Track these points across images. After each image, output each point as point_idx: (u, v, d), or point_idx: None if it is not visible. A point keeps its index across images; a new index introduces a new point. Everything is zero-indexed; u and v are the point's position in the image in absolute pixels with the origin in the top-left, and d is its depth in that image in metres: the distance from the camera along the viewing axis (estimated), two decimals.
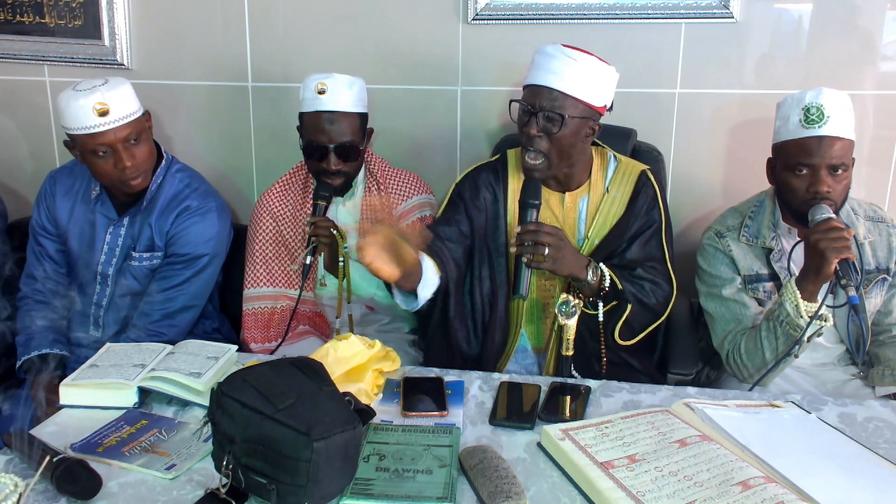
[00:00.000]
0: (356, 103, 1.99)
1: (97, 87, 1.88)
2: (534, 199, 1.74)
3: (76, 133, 1.88)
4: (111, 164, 1.91)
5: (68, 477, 1.18)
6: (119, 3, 2.44)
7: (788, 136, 1.75)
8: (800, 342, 1.68)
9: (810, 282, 1.67)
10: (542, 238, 1.68)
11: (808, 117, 1.71)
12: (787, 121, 1.76)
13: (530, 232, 1.69)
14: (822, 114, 1.69)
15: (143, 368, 1.53)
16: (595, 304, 1.80)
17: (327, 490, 1.14)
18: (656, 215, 1.87)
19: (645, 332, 1.85)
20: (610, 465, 1.21)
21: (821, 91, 1.73)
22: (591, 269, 1.76)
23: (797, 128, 1.73)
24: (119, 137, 1.90)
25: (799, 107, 1.73)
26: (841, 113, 1.71)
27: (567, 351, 1.46)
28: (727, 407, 1.41)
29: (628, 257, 1.84)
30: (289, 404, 1.14)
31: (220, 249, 2.09)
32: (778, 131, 1.81)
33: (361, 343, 1.56)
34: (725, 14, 2.15)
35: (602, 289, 1.77)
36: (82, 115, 1.86)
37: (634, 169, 1.90)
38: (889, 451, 1.32)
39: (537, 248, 1.67)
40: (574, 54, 1.73)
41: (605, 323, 1.81)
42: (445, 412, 1.44)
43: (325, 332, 2.12)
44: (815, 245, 1.63)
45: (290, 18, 2.40)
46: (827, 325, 1.67)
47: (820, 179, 1.71)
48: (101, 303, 2.07)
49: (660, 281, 1.84)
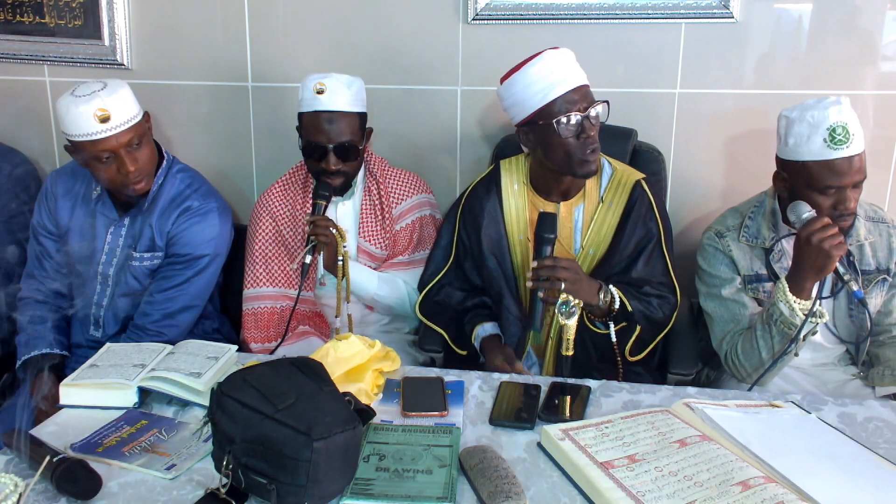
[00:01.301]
0: (355, 103, 1.99)
1: (97, 92, 1.86)
2: (549, 232, 1.73)
3: (77, 139, 1.87)
4: (114, 169, 1.91)
5: (68, 477, 1.18)
6: (119, 3, 2.44)
7: (812, 157, 1.68)
8: (795, 340, 1.68)
9: (809, 280, 1.66)
10: (559, 274, 1.68)
11: (835, 138, 1.64)
12: (808, 140, 1.67)
13: (547, 268, 1.69)
14: (847, 133, 1.63)
15: (143, 368, 1.53)
16: (606, 325, 1.81)
17: (327, 490, 1.14)
18: (654, 227, 1.86)
19: (652, 344, 1.86)
20: (610, 465, 1.21)
21: (839, 106, 1.66)
22: (602, 292, 1.77)
23: (823, 149, 1.66)
24: (121, 143, 1.89)
25: (823, 126, 1.65)
26: (859, 126, 1.67)
27: (567, 351, 1.46)
28: (727, 407, 1.41)
29: (635, 276, 1.85)
30: (289, 404, 1.14)
31: (221, 250, 2.09)
32: (794, 149, 1.72)
33: (361, 343, 1.56)
34: (725, 14, 2.15)
35: (612, 310, 1.78)
36: (83, 122, 1.85)
37: (630, 178, 1.89)
38: (889, 451, 1.32)
39: (554, 284, 1.67)
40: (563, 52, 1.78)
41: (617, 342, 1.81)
42: (445, 412, 1.44)
43: (324, 332, 2.12)
44: (818, 245, 1.62)
45: (290, 18, 2.40)
46: (822, 321, 1.67)
47: (847, 197, 1.69)
48: (102, 303, 2.07)
49: (666, 294, 1.86)
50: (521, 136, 1.83)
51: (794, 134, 1.71)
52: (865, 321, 1.80)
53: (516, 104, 1.79)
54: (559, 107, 1.72)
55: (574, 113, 1.72)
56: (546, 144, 1.77)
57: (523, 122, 1.79)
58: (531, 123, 1.78)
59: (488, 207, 1.92)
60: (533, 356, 1.97)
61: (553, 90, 1.72)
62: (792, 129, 1.71)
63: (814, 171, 1.69)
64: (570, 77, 1.74)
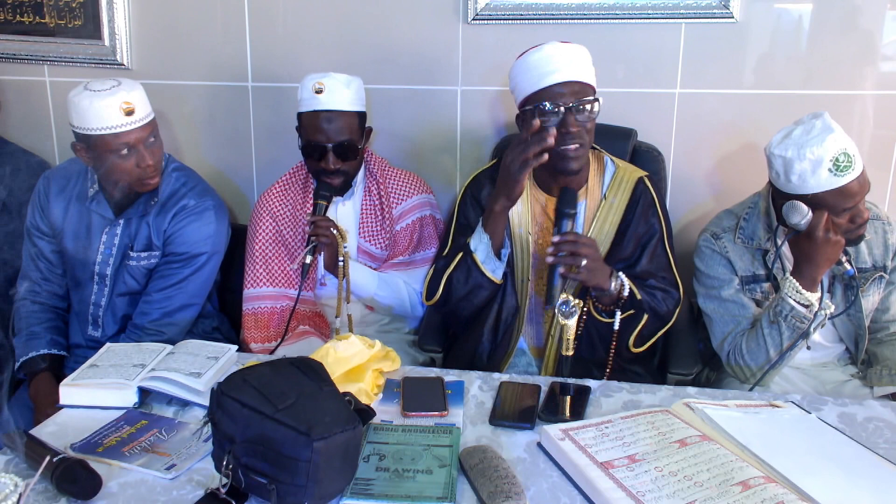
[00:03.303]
0: (354, 102, 1.99)
1: (115, 87, 1.87)
2: (570, 208, 1.73)
3: (98, 133, 1.86)
4: (132, 163, 1.91)
5: (68, 477, 1.18)
6: (119, 3, 2.44)
7: (822, 189, 1.67)
8: (807, 334, 1.69)
9: (818, 271, 1.70)
10: (581, 249, 1.68)
11: (839, 166, 1.65)
12: (814, 174, 1.66)
13: (569, 242, 1.68)
14: (849, 158, 1.65)
15: (143, 368, 1.53)
16: (611, 313, 1.80)
17: (327, 490, 1.14)
18: (656, 223, 1.88)
19: (654, 338, 1.86)
20: (610, 465, 1.21)
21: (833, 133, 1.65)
22: (613, 278, 1.76)
23: (830, 179, 1.66)
24: (142, 137, 1.91)
25: (826, 159, 1.65)
26: (853, 144, 1.68)
27: (567, 351, 1.46)
28: (727, 407, 1.41)
29: (639, 269, 1.85)
30: (289, 404, 1.14)
31: (219, 247, 2.09)
32: (800, 185, 1.69)
33: (361, 343, 1.56)
34: (725, 14, 2.15)
35: (621, 298, 1.78)
36: (107, 116, 1.85)
37: (633, 175, 1.90)
38: (889, 451, 1.32)
39: (575, 259, 1.67)
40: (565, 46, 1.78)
41: (619, 332, 1.81)
42: (445, 412, 1.44)
43: (324, 332, 2.12)
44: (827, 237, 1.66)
45: (290, 18, 2.40)
46: (830, 311, 1.71)
47: (860, 210, 1.72)
48: (100, 303, 2.07)
49: (669, 289, 1.86)
50: (517, 121, 1.87)
51: (795, 172, 1.69)
52: (863, 319, 1.81)
53: (516, 88, 1.83)
54: (545, 96, 1.74)
55: (557, 104, 1.73)
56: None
57: (519, 107, 1.83)
58: (522, 112, 1.82)
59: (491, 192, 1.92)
60: (531, 356, 1.97)
61: (543, 79, 1.75)
62: (793, 168, 1.69)
63: (827, 199, 1.69)
64: (563, 70, 1.74)
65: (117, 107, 1.85)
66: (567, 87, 1.74)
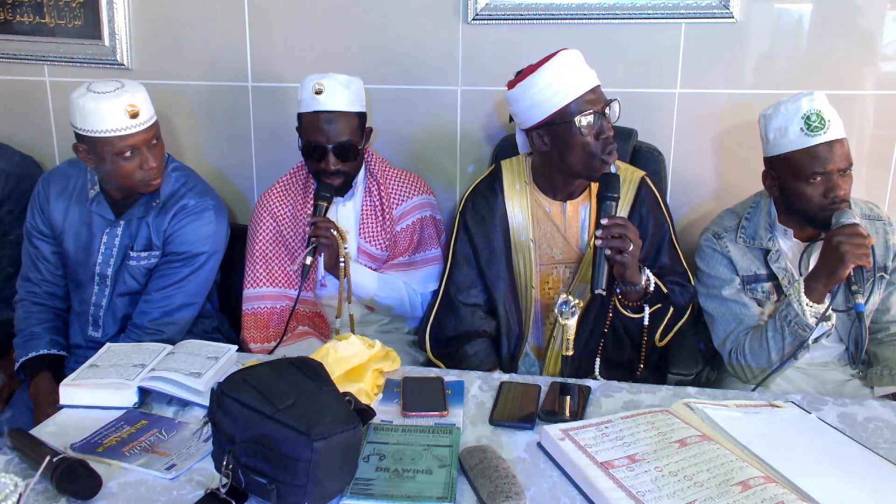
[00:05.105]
0: (354, 103, 1.99)
1: (119, 89, 1.87)
2: (614, 192, 1.73)
3: (102, 135, 1.85)
4: (136, 165, 1.91)
5: (68, 477, 1.18)
6: (119, 3, 2.44)
7: (792, 147, 1.72)
8: (806, 344, 1.69)
9: (821, 282, 1.68)
10: (630, 233, 1.68)
11: (811, 125, 1.68)
12: (786, 132, 1.72)
13: (619, 226, 1.69)
14: (822, 119, 1.68)
15: (143, 368, 1.53)
16: (637, 309, 1.81)
17: (327, 490, 1.14)
18: (663, 220, 1.89)
19: (673, 331, 1.88)
20: (610, 465, 1.21)
21: (812, 96, 1.72)
22: (643, 273, 1.77)
23: (800, 137, 1.70)
24: (146, 139, 1.90)
25: (797, 115, 1.70)
26: (835, 114, 1.71)
27: (566, 351, 1.46)
28: (727, 407, 1.41)
29: (658, 267, 1.86)
30: (289, 404, 1.14)
31: (218, 247, 2.09)
32: (775, 143, 1.77)
33: (361, 343, 1.56)
34: (725, 14, 2.15)
35: (647, 293, 1.78)
36: (112, 118, 1.84)
37: (635, 176, 1.91)
38: (889, 451, 1.32)
39: (624, 242, 1.67)
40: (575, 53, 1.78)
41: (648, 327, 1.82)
42: (445, 412, 1.44)
43: (324, 332, 2.12)
44: (836, 247, 1.63)
45: (290, 18, 2.40)
46: (830, 324, 1.69)
47: (835, 184, 1.71)
48: (101, 303, 2.07)
49: (685, 283, 1.89)
50: (534, 138, 1.80)
51: (772, 129, 1.76)
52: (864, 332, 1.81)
53: (533, 106, 1.75)
54: (578, 107, 1.72)
55: (593, 113, 1.72)
56: (565, 146, 1.75)
57: (539, 124, 1.77)
58: (548, 125, 1.76)
59: (496, 205, 1.92)
60: (532, 357, 1.97)
61: (572, 91, 1.72)
62: (770, 125, 1.77)
63: (796, 160, 1.72)
64: (587, 78, 1.74)
65: (122, 109, 1.85)
66: (595, 93, 1.74)
